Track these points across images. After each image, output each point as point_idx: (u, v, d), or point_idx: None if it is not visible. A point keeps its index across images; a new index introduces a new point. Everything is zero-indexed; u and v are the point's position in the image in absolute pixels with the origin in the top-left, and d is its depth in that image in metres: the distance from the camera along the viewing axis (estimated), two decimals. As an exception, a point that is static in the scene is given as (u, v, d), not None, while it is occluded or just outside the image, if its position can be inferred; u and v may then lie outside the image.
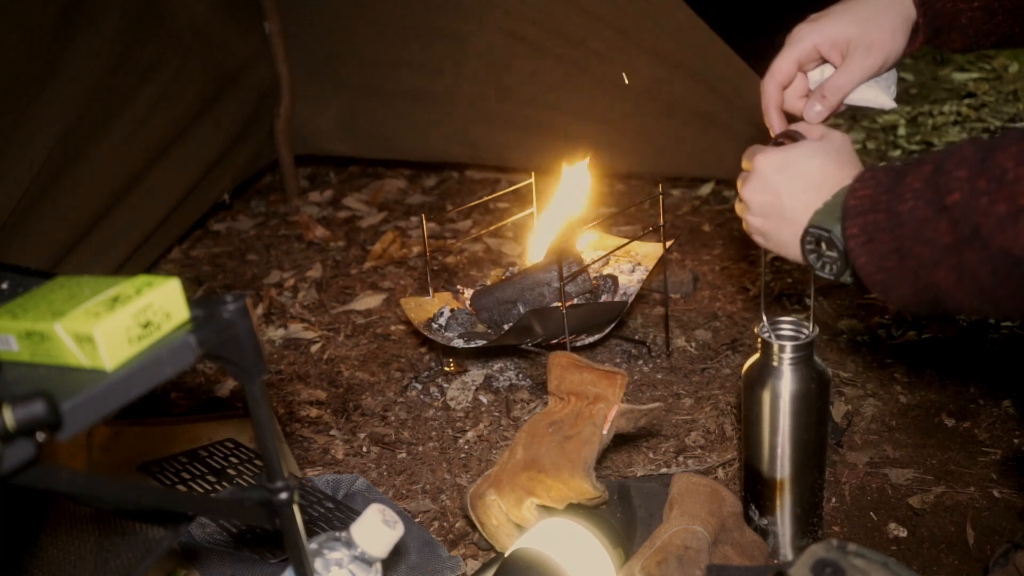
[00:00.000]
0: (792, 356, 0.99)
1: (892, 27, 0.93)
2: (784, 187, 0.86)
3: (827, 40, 0.94)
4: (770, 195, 0.86)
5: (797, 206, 0.84)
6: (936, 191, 0.68)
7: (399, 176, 2.68)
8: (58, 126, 1.66)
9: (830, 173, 0.84)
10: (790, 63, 0.96)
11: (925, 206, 0.68)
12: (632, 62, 2.09)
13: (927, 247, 0.69)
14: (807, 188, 0.84)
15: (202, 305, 0.61)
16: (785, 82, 0.98)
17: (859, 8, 0.94)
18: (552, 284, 1.50)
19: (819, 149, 0.86)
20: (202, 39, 2.08)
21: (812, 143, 0.88)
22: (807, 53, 0.95)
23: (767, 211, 0.87)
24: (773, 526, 1.07)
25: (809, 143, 0.88)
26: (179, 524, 0.70)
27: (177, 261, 2.23)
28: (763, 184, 0.87)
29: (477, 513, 1.10)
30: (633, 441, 1.34)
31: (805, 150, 0.87)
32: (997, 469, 1.21)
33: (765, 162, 0.87)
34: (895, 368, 1.46)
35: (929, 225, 0.68)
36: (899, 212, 0.71)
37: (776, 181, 0.86)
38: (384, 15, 2.28)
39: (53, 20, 1.60)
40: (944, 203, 0.67)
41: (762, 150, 0.90)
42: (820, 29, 0.94)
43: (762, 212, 0.88)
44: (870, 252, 0.74)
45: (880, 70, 0.95)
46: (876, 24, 0.92)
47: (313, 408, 1.52)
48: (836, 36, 0.93)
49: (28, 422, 0.47)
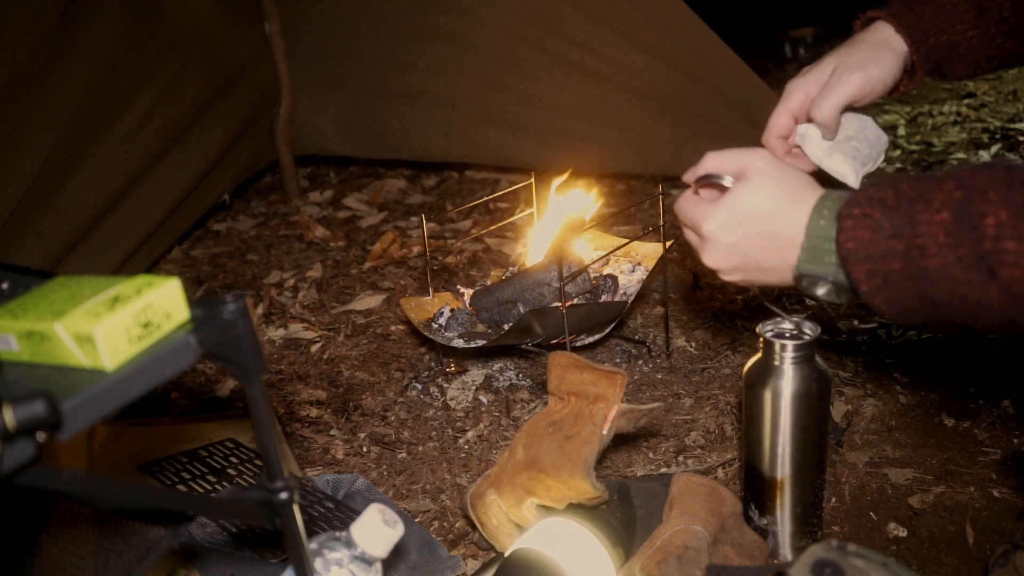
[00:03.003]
0: (794, 356, 0.99)
1: (879, 57, 0.91)
2: (747, 246, 0.80)
3: (817, 88, 0.93)
4: (738, 258, 0.81)
5: (772, 258, 0.80)
6: (973, 245, 0.63)
7: (399, 176, 2.68)
8: (58, 126, 1.66)
9: (788, 212, 0.78)
10: (786, 117, 0.95)
11: (959, 265, 0.64)
12: (632, 62, 2.09)
13: (964, 302, 0.66)
14: (773, 239, 0.79)
15: (202, 305, 0.61)
16: (784, 134, 0.97)
17: (846, 52, 0.93)
18: (552, 284, 1.50)
19: (758, 188, 0.79)
20: (202, 39, 2.08)
21: (747, 184, 0.80)
22: (800, 105, 0.94)
23: (742, 270, 0.83)
24: (773, 526, 1.07)
25: (744, 185, 0.80)
26: (179, 524, 0.70)
27: (177, 261, 2.23)
28: (723, 251, 0.82)
29: (477, 513, 1.10)
30: (633, 441, 1.34)
31: (746, 196, 0.80)
32: (997, 469, 1.21)
33: (713, 227, 0.81)
34: (895, 368, 1.46)
35: (973, 288, 0.64)
36: (928, 269, 0.66)
37: (735, 243, 0.80)
38: (384, 15, 2.28)
39: (54, 20, 1.60)
40: (991, 269, 0.63)
41: (699, 212, 0.82)
42: (810, 79, 0.94)
43: (737, 271, 0.83)
44: (889, 298, 0.70)
45: (867, 91, 0.92)
46: (864, 57, 0.92)
47: (313, 408, 1.52)
48: (824, 80, 0.92)
49: (28, 422, 0.47)
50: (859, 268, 0.70)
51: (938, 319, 0.70)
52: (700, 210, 0.82)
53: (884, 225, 0.69)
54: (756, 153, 0.82)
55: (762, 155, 0.82)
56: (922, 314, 0.70)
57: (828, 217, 0.75)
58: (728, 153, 0.83)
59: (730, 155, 0.83)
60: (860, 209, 0.71)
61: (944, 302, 0.67)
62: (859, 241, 0.70)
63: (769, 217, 0.78)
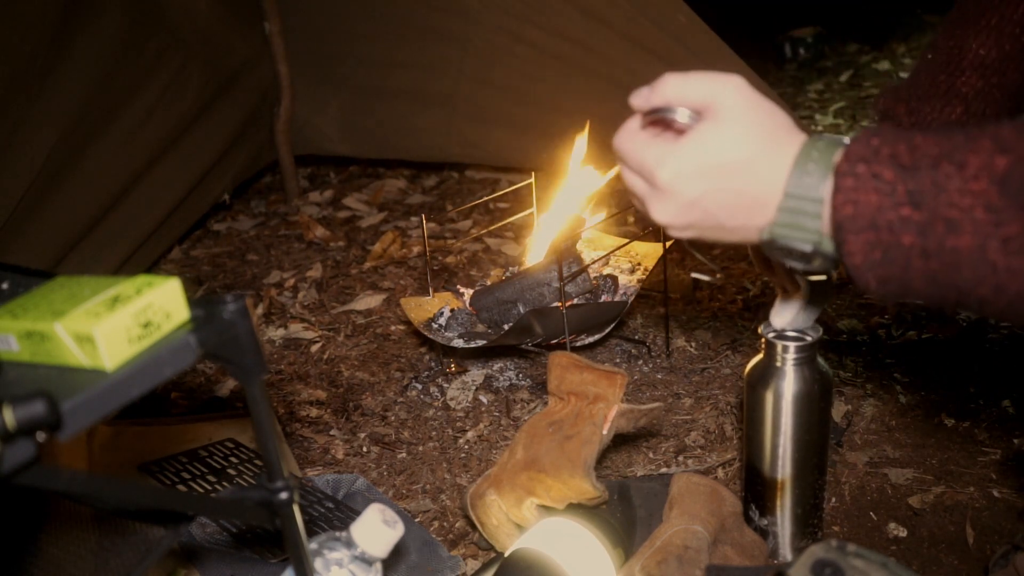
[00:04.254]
0: (796, 357, 0.99)
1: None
2: (711, 202, 0.65)
3: None
4: (696, 215, 0.66)
5: (738, 218, 0.65)
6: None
7: (399, 176, 2.68)
8: (58, 126, 1.66)
9: (764, 164, 0.63)
10: None
11: (1003, 248, 0.53)
12: (632, 62, 2.09)
13: (997, 292, 0.55)
14: (742, 196, 0.64)
15: (202, 305, 0.61)
16: None
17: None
18: (552, 284, 1.50)
19: (729, 132, 0.63)
20: (202, 39, 2.08)
21: (716, 125, 0.64)
22: None
23: (698, 227, 0.68)
24: (773, 526, 1.07)
25: (712, 127, 0.64)
26: (179, 524, 0.70)
27: (177, 261, 2.23)
28: (679, 207, 0.66)
29: (477, 513, 1.10)
30: (633, 441, 1.34)
31: (715, 141, 0.64)
32: (997, 469, 1.21)
33: (670, 176, 0.65)
34: (895, 368, 1.46)
35: (1015, 277, 0.53)
36: (957, 250, 0.55)
37: (696, 199, 0.65)
38: (384, 15, 2.28)
39: (53, 20, 1.60)
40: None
41: (653, 155, 0.66)
42: None
43: (691, 229, 0.68)
44: (884, 276, 0.59)
45: None
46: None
47: (313, 408, 1.52)
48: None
49: (28, 422, 0.47)
50: (856, 239, 0.58)
51: (944, 303, 0.59)
52: (654, 152, 0.66)
53: (897, 189, 0.56)
54: (730, 82, 0.65)
55: (737, 85, 0.65)
56: (923, 296, 0.59)
57: (815, 172, 0.61)
58: (695, 78, 0.66)
59: (697, 81, 0.66)
60: (865, 166, 0.57)
61: (968, 289, 0.56)
62: (861, 206, 0.57)
63: (741, 169, 0.63)
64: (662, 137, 0.68)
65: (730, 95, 0.64)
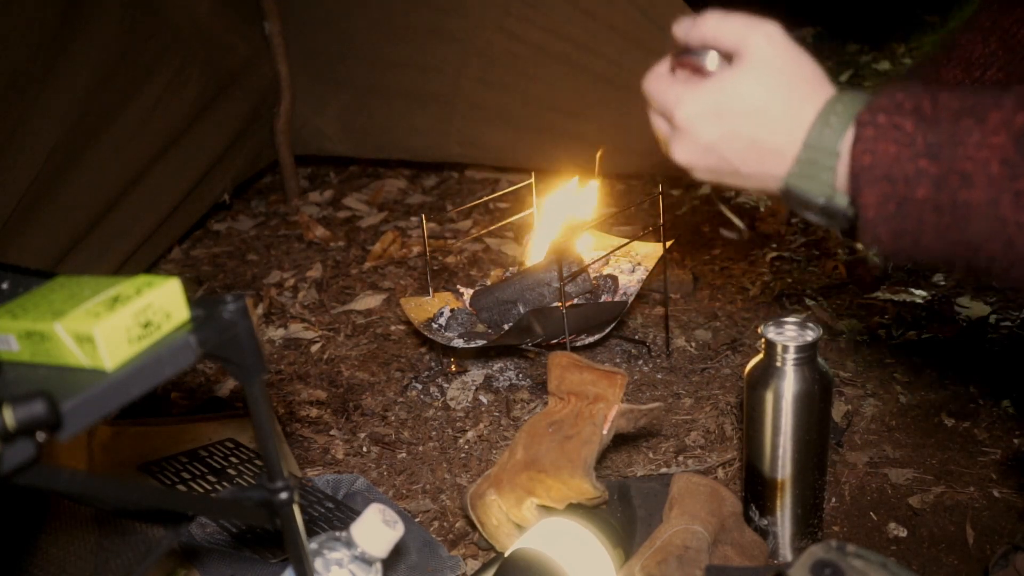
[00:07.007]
0: (796, 357, 0.99)
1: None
2: (727, 147, 0.65)
3: None
4: (713, 159, 0.67)
5: (751, 166, 0.66)
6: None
7: (399, 176, 2.68)
8: (58, 126, 1.66)
9: (785, 115, 0.63)
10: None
11: (1015, 203, 0.53)
12: (632, 62, 2.09)
13: (1008, 248, 0.55)
14: (757, 144, 0.64)
15: (202, 305, 0.61)
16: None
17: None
18: (552, 284, 1.50)
19: (753, 79, 0.63)
20: (202, 39, 2.08)
21: (741, 72, 0.64)
22: None
23: (717, 172, 0.69)
24: (773, 526, 1.07)
25: (737, 73, 0.64)
26: (179, 524, 0.70)
27: (177, 261, 2.23)
28: (698, 149, 0.67)
29: (477, 513, 1.10)
30: (633, 441, 1.34)
31: (736, 86, 0.64)
32: (997, 469, 1.21)
33: (688, 115, 0.66)
34: (895, 368, 1.46)
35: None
36: (969, 203, 0.55)
37: (713, 142, 0.66)
38: (384, 15, 2.28)
39: (53, 20, 1.60)
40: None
41: (674, 94, 0.67)
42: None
43: (711, 173, 0.69)
44: (896, 230, 0.58)
45: None
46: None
47: (313, 408, 1.52)
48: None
49: (28, 422, 0.47)
50: (872, 190, 0.58)
51: (953, 261, 0.59)
52: (675, 91, 0.67)
53: (917, 141, 0.56)
54: (762, 30, 0.64)
55: (769, 33, 0.64)
56: (933, 253, 0.59)
57: (836, 125, 0.61)
58: (733, 19, 0.65)
59: (735, 22, 0.65)
60: (886, 117, 0.58)
61: (979, 244, 0.56)
62: (880, 156, 0.57)
63: (758, 118, 0.64)
64: (690, 80, 0.68)
65: (761, 43, 0.64)
